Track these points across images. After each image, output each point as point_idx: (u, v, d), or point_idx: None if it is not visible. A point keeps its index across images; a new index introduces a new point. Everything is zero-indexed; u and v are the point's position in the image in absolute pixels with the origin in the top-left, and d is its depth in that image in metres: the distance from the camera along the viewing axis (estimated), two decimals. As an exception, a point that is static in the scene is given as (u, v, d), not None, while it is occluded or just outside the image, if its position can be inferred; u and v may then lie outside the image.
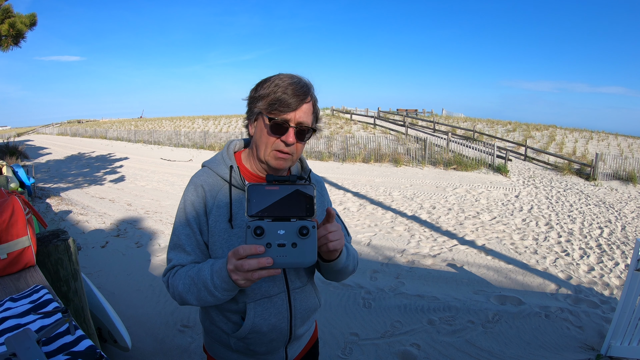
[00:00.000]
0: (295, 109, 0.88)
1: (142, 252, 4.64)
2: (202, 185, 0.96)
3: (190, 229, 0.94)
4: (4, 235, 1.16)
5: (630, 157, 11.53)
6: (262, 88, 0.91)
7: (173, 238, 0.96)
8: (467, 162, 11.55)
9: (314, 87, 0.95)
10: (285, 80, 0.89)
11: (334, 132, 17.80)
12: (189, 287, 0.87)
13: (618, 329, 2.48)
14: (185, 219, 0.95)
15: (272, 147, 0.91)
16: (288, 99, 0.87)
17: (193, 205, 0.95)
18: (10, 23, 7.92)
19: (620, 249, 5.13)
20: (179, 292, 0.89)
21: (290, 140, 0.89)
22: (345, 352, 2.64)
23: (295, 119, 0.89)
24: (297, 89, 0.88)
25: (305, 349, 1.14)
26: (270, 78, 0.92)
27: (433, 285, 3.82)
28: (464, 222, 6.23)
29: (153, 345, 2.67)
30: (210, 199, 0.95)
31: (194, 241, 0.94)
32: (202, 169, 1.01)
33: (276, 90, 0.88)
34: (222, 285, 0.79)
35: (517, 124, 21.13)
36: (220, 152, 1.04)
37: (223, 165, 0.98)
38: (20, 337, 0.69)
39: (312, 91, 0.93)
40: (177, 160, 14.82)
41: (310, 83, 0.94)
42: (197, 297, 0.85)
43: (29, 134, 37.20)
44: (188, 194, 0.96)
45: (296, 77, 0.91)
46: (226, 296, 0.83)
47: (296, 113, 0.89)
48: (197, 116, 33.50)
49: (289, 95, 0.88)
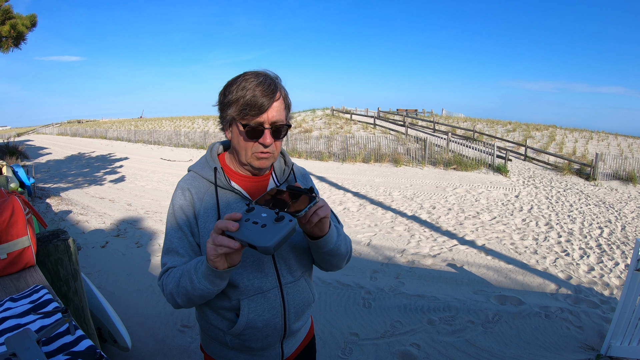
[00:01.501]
0: (267, 110, 0.88)
1: (142, 252, 4.64)
2: (189, 189, 0.97)
3: (182, 232, 0.95)
4: (4, 235, 1.16)
5: (630, 157, 11.53)
6: (229, 93, 0.90)
7: (166, 243, 0.97)
8: (467, 162, 11.55)
9: (281, 80, 0.94)
10: (251, 82, 0.88)
11: (334, 132, 17.79)
12: (177, 282, 0.88)
13: (618, 329, 2.48)
14: (176, 223, 0.96)
15: (252, 151, 0.92)
16: (258, 101, 0.87)
17: (182, 209, 0.96)
18: (12, 24, 7.91)
19: (620, 249, 5.13)
20: (169, 289, 0.90)
21: (267, 142, 0.90)
22: (345, 352, 2.64)
23: (269, 119, 0.89)
24: (264, 88, 0.87)
25: (301, 345, 1.14)
26: (237, 80, 0.90)
27: (433, 285, 3.82)
28: (464, 222, 6.23)
29: (153, 345, 2.67)
30: (198, 201, 0.96)
31: (187, 243, 0.96)
32: (188, 174, 1.02)
33: (245, 94, 0.87)
34: (205, 271, 0.80)
35: (517, 124, 21.14)
36: (204, 155, 1.05)
37: (207, 167, 0.99)
38: (20, 337, 0.69)
39: (279, 86, 0.92)
40: (177, 160, 14.82)
41: (277, 77, 0.93)
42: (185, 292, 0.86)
43: (29, 134, 37.20)
44: (176, 199, 0.97)
45: (262, 75, 0.90)
46: (204, 285, 0.82)
47: (268, 113, 0.89)
48: (197, 116, 33.50)
49: (258, 97, 0.87)
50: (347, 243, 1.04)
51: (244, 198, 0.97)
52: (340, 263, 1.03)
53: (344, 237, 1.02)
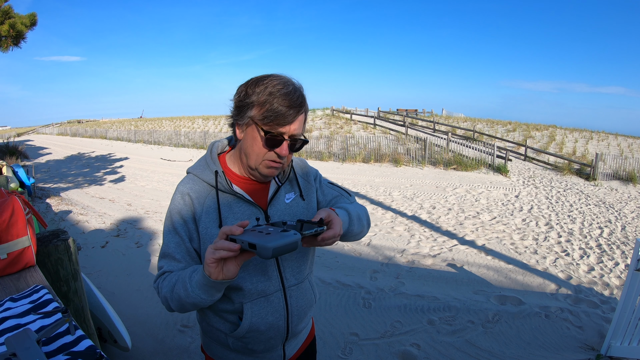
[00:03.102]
0: (292, 122, 0.87)
1: (142, 252, 4.64)
2: (189, 194, 0.94)
3: (179, 238, 0.93)
4: (4, 235, 1.16)
5: (630, 157, 11.53)
6: (254, 93, 0.87)
7: (163, 247, 0.95)
8: (467, 162, 11.55)
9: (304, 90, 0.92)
10: (279, 89, 0.85)
11: (334, 132, 17.79)
12: (171, 289, 0.87)
13: (618, 329, 2.48)
14: (174, 228, 0.94)
15: (265, 158, 0.90)
16: (285, 112, 0.84)
17: (180, 214, 0.93)
18: (11, 24, 7.91)
19: (620, 249, 5.13)
20: (163, 293, 0.89)
21: (284, 153, 0.88)
22: (345, 352, 2.64)
23: (290, 131, 0.87)
24: (293, 99, 0.85)
25: (303, 346, 1.14)
26: (263, 81, 0.87)
27: (433, 285, 3.82)
28: (464, 222, 6.23)
29: (153, 345, 2.67)
30: (199, 206, 0.93)
31: (184, 249, 0.93)
32: (187, 176, 0.99)
33: (271, 101, 0.84)
34: (200, 280, 0.79)
35: (517, 124, 21.13)
36: (203, 156, 1.01)
37: (208, 170, 0.96)
38: (20, 337, 0.69)
39: (305, 100, 0.90)
40: (177, 160, 14.82)
41: (301, 87, 0.91)
42: (178, 299, 0.85)
43: (29, 134, 37.20)
44: (175, 203, 0.95)
45: (290, 84, 0.87)
46: (197, 295, 0.81)
47: (291, 126, 0.87)
48: (197, 116, 33.50)
49: (286, 107, 0.84)
50: (361, 220, 1.01)
51: (246, 201, 0.95)
52: (356, 238, 1.03)
53: (357, 216, 1.00)
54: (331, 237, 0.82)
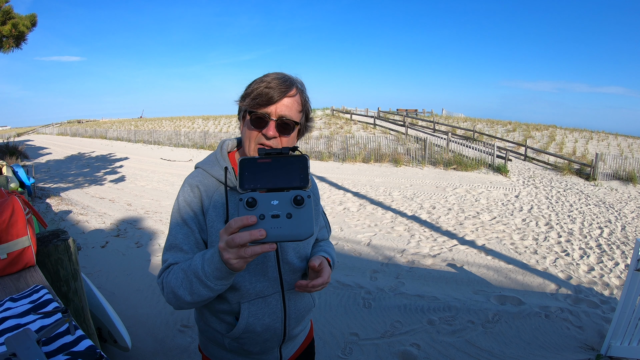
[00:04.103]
0: (277, 102, 0.88)
1: (142, 252, 4.64)
2: (198, 186, 0.94)
3: (188, 228, 0.92)
4: (4, 235, 1.16)
5: (630, 157, 11.52)
6: (248, 87, 0.92)
7: (169, 239, 0.93)
8: (467, 162, 11.54)
9: (304, 85, 0.95)
10: (270, 77, 0.90)
11: (334, 132, 17.79)
12: (181, 281, 0.82)
13: (618, 329, 2.48)
14: (182, 219, 0.93)
15: (255, 141, 0.90)
16: (270, 92, 0.87)
17: (190, 205, 0.93)
18: (13, 24, 7.92)
19: (620, 249, 5.13)
20: (171, 287, 0.84)
21: (270, 134, 0.88)
22: (345, 352, 2.64)
23: (277, 112, 0.89)
24: (280, 82, 0.88)
25: (300, 348, 1.14)
26: (260, 77, 0.92)
27: (433, 285, 3.81)
28: (464, 222, 6.23)
29: (153, 345, 2.67)
30: (207, 199, 0.93)
31: (193, 240, 0.92)
32: (196, 170, 1.00)
33: (260, 86, 0.89)
34: (214, 273, 0.74)
35: (517, 124, 21.13)
36: (213, 152, 1.02)
37: (217, 166, 0.97)
38: (20, 337, 0.69)
39: (297, 85, 0.93)
40: (177, 160, 14.82)
41: (297, 79, 0.94)
42: (190, 291, 0.80)
43: (29, 134, 37.19)
44: (184, 194, 0.94)
45: (283, 74, 0.92)
46: (219, 285, 0.76)
47: (277, 106, 0.88)
48: (197, 116, 33.51)
49: (271, 89, 0.88)
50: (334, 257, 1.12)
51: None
52: None
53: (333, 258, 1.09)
54: (320, 285, 0.87)
